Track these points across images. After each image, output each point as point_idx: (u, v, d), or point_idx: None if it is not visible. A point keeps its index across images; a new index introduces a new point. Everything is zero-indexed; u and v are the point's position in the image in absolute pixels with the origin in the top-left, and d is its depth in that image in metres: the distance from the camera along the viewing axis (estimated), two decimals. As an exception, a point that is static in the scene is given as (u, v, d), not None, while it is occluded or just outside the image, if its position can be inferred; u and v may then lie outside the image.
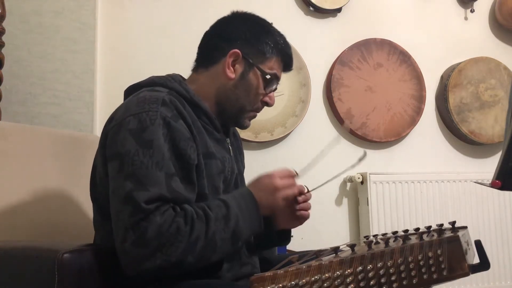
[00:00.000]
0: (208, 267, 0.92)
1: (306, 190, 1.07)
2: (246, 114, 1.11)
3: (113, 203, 0.90)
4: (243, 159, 1.27)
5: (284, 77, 1.19)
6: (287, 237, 1.18)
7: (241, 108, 1.09)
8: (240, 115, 1.10)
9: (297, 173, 1.06)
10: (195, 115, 1.01)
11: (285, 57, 1.12)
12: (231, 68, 1.07)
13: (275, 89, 1.13)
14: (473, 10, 2.35)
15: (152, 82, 1.04)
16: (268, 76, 1.08)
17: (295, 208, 1.08)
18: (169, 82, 1.04)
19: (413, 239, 0.75)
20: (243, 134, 1.89)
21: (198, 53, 1.14)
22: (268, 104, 1.12)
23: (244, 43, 1.08)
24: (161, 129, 0.91)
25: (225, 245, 0.90)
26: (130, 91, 1.05)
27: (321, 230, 2.00)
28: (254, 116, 1.14)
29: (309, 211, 1.10)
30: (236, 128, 1.17)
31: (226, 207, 0.92)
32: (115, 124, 0.94)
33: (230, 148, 1.13)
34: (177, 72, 1.13)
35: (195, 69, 1.13)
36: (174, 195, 0.88)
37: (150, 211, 0.84)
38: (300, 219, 1.10)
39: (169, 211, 0.86)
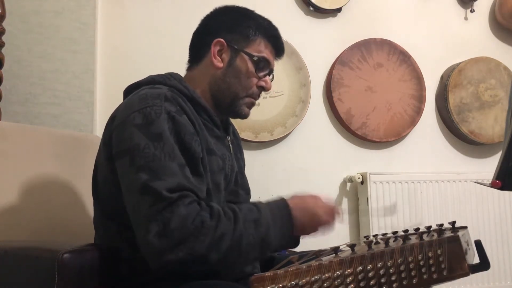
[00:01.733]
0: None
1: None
2: (241, 101, 1.10)
3: (129, 197, 0.88)
4: (243, 157, 1.28)
5: (284, 77, 1.19)
6: (297, 241, 1.17)
7: (235, 96, 1.09)
8: (235, 103, 1.09)
9: (342, 216, 1.02)
10: (195, 112, 1.01)
11: (272, 38, 1.12)
12: (218, 57, 1.08)
13: (270, 73, 1.12)
14: (473, 10, 2.35)
15: (152, 81, 1.05)
16: (255, 58, 1.08)
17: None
18: (169, 80, 1.04)
19: (413, 239, 0.75)
20: (243, 134, 1.89)
21: (189, 53, 1.16)
22: (264, 89, 1.11)
23: (226, 31, 1.09)
24: (167, 122, 0.90)
25: (252, 251, 0.88)
26: (130, 91, 1.05)
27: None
28: (252, 104, 1.13)
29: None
30: (238, 119, 1.15)
31: (258, 213, 0.90)
32: (119, 123, 0.94)
33: (230, 145, 1.13)
34: (177, 72, 1.13)
35: (188, 69, 1.15)
36: (191, 185, 0.87)
37: (173, 200, 0.83)
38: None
39: (193, 204, 0.85)
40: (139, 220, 0.85)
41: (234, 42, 1.08)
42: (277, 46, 1.14)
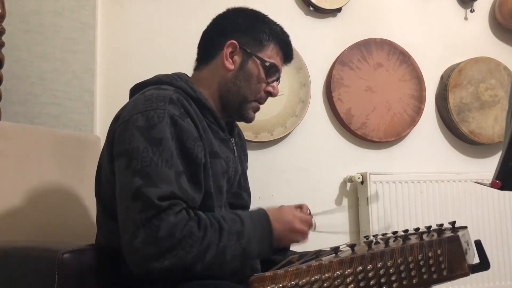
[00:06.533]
0: None
1: (309, 212, 1.07)
2: (249, 104, 1.10)
3: (121, 199, 0.89)
4: (247, 160, 1.28)
5: (284, 77, 1.19)
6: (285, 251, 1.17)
7: (244, 99, 1.09)
8: (243, 106, 1.10)
9: (315, 227, 1.07)
10: (201, 113, 1.01)
11: (283, 44, 1.13)
12: (230, 59, 1.08)
13: (278, 79, 1.13)
14: (473, 10, 2.35)
15: (159, 81, 1.05)
16: (267, 64, 1.08)
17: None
18: (175, 81, 1.04)
19: (413, 239, 0.75)
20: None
21: (198, 52, 1.15)
22: (272, 94, 1.12)
23: (240, 34, 1.09)
24: (169, 127, 0.90)
25: (234, 262, 0.90)
26: (136, 90, 1.05)
27: (321, 230, 1.99)
28: (258, 108, 1.14)
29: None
30: (242, 122, 1.16)
31: (241, 224, 0.92)
32: (122, 122, 0.94)
33: (235, 148, 1.13)
34: (183, 72, 1.13)
35: (196, 68, 1.15)
36: (184, 194, 0.88)
37: (162, 209, 0.83)
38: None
39: (182, 213, 0.86)
40: (127, 224, 0.85)
41: (247, 45, 1.08)
42: (287, 53, 1.15)
